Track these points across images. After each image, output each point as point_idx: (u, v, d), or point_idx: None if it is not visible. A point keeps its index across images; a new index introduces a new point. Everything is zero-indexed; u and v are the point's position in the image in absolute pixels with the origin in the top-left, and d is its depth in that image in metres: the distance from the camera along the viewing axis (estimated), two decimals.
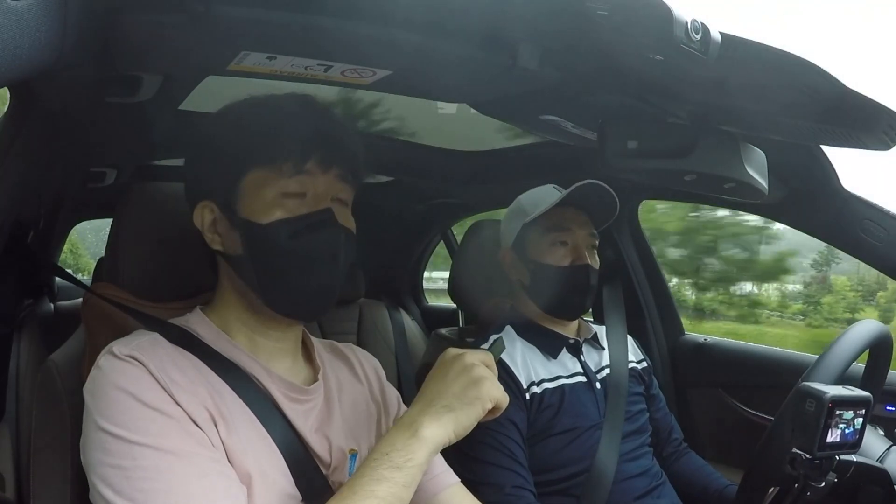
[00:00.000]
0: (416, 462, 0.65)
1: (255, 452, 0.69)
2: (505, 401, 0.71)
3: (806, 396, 0.85)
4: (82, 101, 0.90)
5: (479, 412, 0.69)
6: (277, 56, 0.80)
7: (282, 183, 0.72)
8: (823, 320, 4.88)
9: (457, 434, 0.68)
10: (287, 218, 0.72)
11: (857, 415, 0.86)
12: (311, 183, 0.73)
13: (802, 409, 0.85)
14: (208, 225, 0.76)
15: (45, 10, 0.49)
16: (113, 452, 0.62)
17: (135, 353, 0.67)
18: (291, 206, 0.72)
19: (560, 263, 1.24)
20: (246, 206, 0.73)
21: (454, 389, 0.69)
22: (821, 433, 0.83)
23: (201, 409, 0.67)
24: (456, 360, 0.72)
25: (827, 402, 0.83)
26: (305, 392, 0.78)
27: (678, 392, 1.77)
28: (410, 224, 2.70)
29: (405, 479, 0.64)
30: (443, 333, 1.66)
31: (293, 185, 0.72)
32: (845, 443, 0.86)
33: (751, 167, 0.86)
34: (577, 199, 1.22)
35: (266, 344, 0.78)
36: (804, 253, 4.99)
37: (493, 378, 0.71)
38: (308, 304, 0.76)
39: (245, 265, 0.74)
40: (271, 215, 0.72)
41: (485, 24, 0.73)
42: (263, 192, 0.72)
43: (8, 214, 0.90)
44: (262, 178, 0.73)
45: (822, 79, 0.67)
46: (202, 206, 0.76)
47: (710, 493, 1.29)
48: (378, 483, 0.63)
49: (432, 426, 0.66)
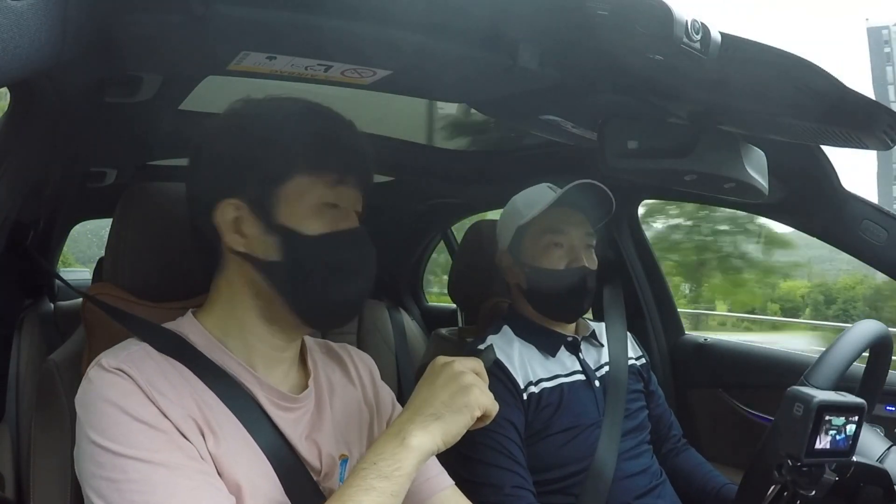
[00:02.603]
0: (404, 471, 0.65)
1: (243, 462, 0.69)
2: (494, 408, 0.71)
3: (794, 400, 0.83)
4: (82, 101, 0.90)
5: (468, 420, 0.69)
6: (277, 56, 0.80)
7: (325, 193, 0.74)
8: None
9: (445, 442, 0.68)
10: (333, 232, 0.74)
11: (849, 421, 0.83)
12: (346, 195, 0.76)
13: (791, 414, 0.82)
14: (229, 223, 0.74)
15: (45, 10, 0.49)
16: (104, 465, 0.62)
17: (123, 365, 0.67)
18: (330, 219, 0.74)
19: (556, 266, 1.23)
20: (285, 211, 0.73)
21: (442, 397, 0.69)
22: (808, 439, 0.80)
23: (189, 420, 0.67)
24: (444, 368, 0.71)
25: (815, 406, 0.80)
26: (295, 400, 0.77)
27: (678, 392, 1.77)
28: (410, 224, 2.70)
29: (393, 488, 0.64)
30: (443, 333, 1.65)
31: (332, 196, 0.74)
32: (836, 450, 0.83)
33: (751, 167, 0.86)
34: (571, 200, 1.21)
35: (264, 350, 0.77)
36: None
37: (483, 385, 0.71)
38: (336, 316, 0.79)
39: (279, 271, 0.73)
40: (314, 226, 0.73)
41: (485, 24, 0.73)
42: (305, 200, 0.73)
43: (8, 214, 0.90)
44: (306, 185, 0.73)
45: (822, 79, 0.67)
46: (226, 204, 0.74)
47: (707, 490, 1.29)
48: (366, 493, 0.63)
49: (420, 435, 0.66)
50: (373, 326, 2.26)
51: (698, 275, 8.48)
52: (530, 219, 1.23)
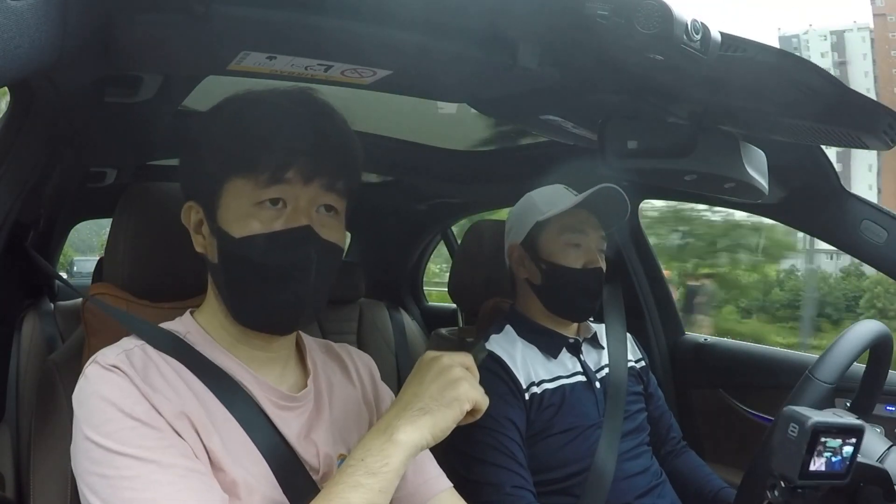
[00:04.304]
0: (392, 467, 0.64)
1: (239, 461, 0.69)
2: (484, 402, 0.70)
3: (789, 420, 0.81)
4: (82, 101, 0.90)
5: (457, 414, 0.67)
6: (277, 56, 0.79)
7: (258, 193, 0.69)
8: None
9: (434, 437, 0.67)
10: (260, 234, 0.69)
11: (846, 443, 0.81)
12: (292, 193, 0.70)
13: (785, 434, 0.81)
14: (194, 225, 0.76)
15: (45, 10, 0.49)
16: (98, 461, 0.62)
17: (118, 362, 0.67)
18: (267, 219, 0.70)
19: (573, 265, 1.24)
20: (223, 214, 0.71)
21: (431, 391, 0.68)
22: (802, 460, 0.79)
23: (184, 418, 0.67)
24: (433, 362, 0.70)
25: (809, 428, 0.79)
26: (294, 399, 0.77)
27: (678, 392, 1.77)
28: (410, 224, 2.70)
29: (381, 484, 0.63)
30: (443, 333, 1.66)
31: (271, 195, 0.70)
32: (831, 472, 0.81)
33: (751, 167, 0.86)
34: (592, 203, 1.22)
35: (248, 350, 0.76)
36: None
37: (472, 379, 0.70)
38: (272, 319, 0.74)
39: (218, 274, 0.74)
40: (246, 228, 0.69)
41: (485, 24, 0.73)
42: (240, 202, 0.70)
43: (8, 214, 0.90)
44: (240, 186, 0.70)
45: (822, 79, 0.67)
46: (188, 207, 0.76)
47: (705, 493, 1.29)
48: (353, 490, 0.62)
49: (408, 430, 0.65)
50: (373, 326, 2.26)
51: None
52: (550, 216, 1.24)
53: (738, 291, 8.62)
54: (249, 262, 0.70)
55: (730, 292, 8.27)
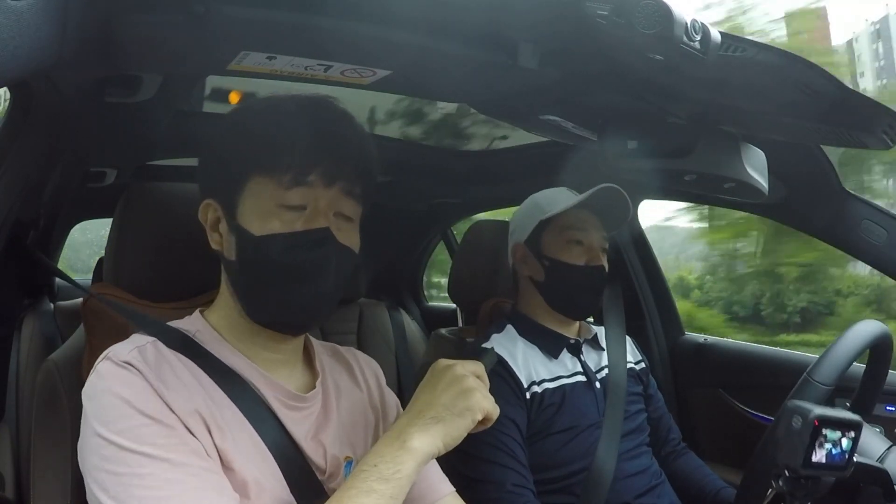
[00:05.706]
0: (404, 473, 0.64)
1: (249, 460, 0.69)
2: (495, 412, 0.71)
3: (793, 412, 0.84)
4: (82, 101, 0.90)
5: (469, 423, 0.68)
6: (277, 56, 0.79)
7: (280, 194, 0.71)
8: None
9: (446, 445, 0.67)
10: (280, 233, 0.71)
11: (844, 436, 0.84)
12: (313, 196, 0.72)
13: (789, 426, 0.84)
14: (211, 223, 0.77)
15: (45, 10, 0.49)
16: (109, 458, 0.62)
17: (132, 359, 0.67)
18: (288, 220, 0.71)
19: (576, 262, 1.25)
20: (244, 212, 0.73)
21: (444, 400, 0.68)
22: (805, 451, 0.82)
23: (196, 416, 0.67)
24: (446, 371, 0.71)
25: (812, 419, 0.82)
26: (303, 399, 0.77)
27: (678, 392, 1.77)
28: (410, 224, 2.70)
29: (392, 490, 0.64)
30: (443, 333, 1.65)
31: (292, 198, 0.71)
32: (832, 464, 0.84)
33: (751, 167, 0.86)
34: (594, 203, 1.23)
35: (258, 350, 0.77)
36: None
37: (484, 389, 0.71)
38: (287, 318, 0.75)
39: (235, 271, 0.74)
40: (266, 227, 0.71)
41: (485, 24, 0.73)
42: (261, 201, 0.72)
43: (8, 214, 0.90)
44: (262, 186, 0.72)
45: (823, 79, 0.67)
46: (206, 204, 0.77)
47: (705, 494, 1.29)
48: (366, 495, 0.63)
49: (421, 437, 0.66)
50: (373, 326, 2.26)
51: None
52: (554, 214, 1.25)
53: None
54: (268, 261, 0.71)
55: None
